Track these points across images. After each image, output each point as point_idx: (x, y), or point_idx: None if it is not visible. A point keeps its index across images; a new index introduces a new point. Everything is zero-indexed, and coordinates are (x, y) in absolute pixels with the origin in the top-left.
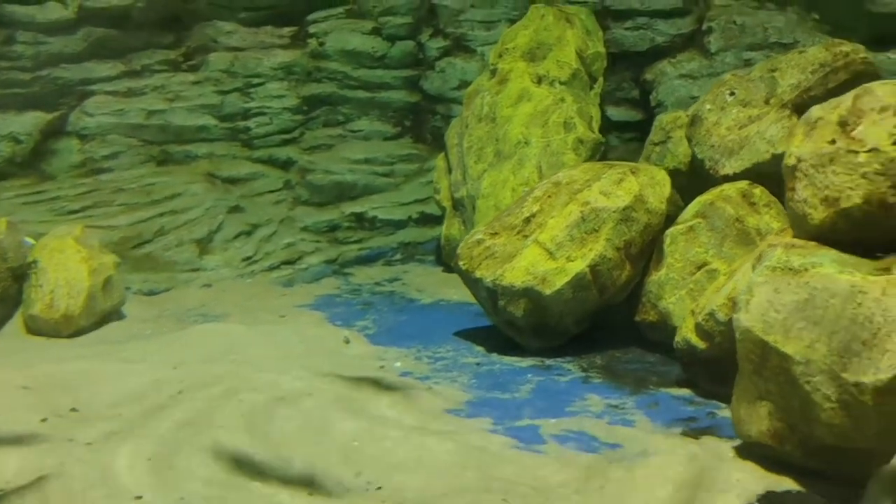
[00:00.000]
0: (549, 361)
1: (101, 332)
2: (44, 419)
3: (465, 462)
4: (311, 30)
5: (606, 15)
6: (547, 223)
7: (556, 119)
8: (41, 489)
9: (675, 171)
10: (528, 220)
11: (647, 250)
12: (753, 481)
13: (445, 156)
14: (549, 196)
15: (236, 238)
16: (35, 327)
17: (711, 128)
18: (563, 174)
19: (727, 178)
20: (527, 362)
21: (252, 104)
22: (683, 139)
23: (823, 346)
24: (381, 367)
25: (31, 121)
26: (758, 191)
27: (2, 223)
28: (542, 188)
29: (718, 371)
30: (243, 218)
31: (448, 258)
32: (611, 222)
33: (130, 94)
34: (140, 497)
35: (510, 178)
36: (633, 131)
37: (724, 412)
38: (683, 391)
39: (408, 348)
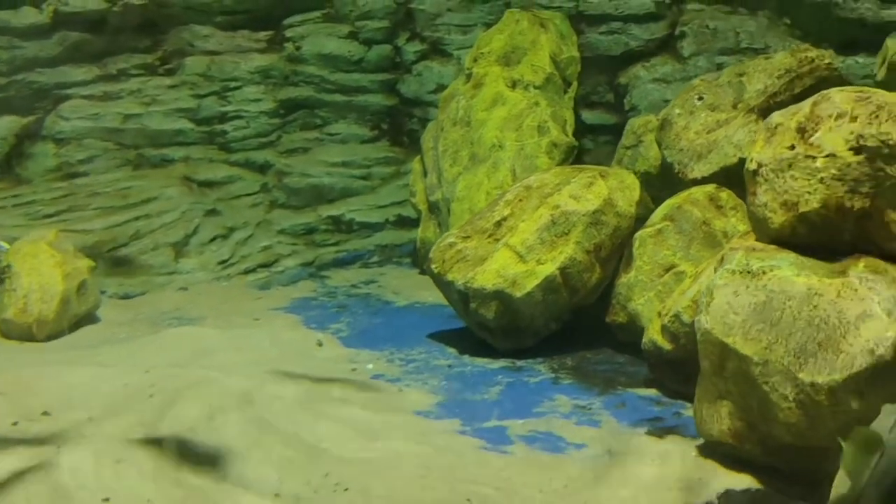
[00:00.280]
0: (521, 363)
1: (75, 336)
2: (15, 423)
3: (431, 463)
4: (288, 34)
5: (580, 19)
6: (518, 227)
7: (530, 123)
8: (9, 492)
9: (647, 175)
10: (499, 224)
11: (616, 253)
12: (715, 479)
13: (421, 159)
14: (520, 200)
15: (212, 241)
16: (8, 331)
17: (680, 132)
18: (535, 178)
19: (696, 182)
20: (498, 364)
21: (229, 108)
22: (654, 143)
23: (781, 348)
24: (353, 370)
25: (7, 125)
26: (724, 194)
27: None
28: (514, 192)
29: (684, 371)
30: (220, 221)
31: (424, 261)
32: (580, 226)
33: (106, 98)
34: (107, 499)
35: (484, 182)
36: (607, 134)
37: (690, 412)
38: (651, 391)
39: (381, 351)
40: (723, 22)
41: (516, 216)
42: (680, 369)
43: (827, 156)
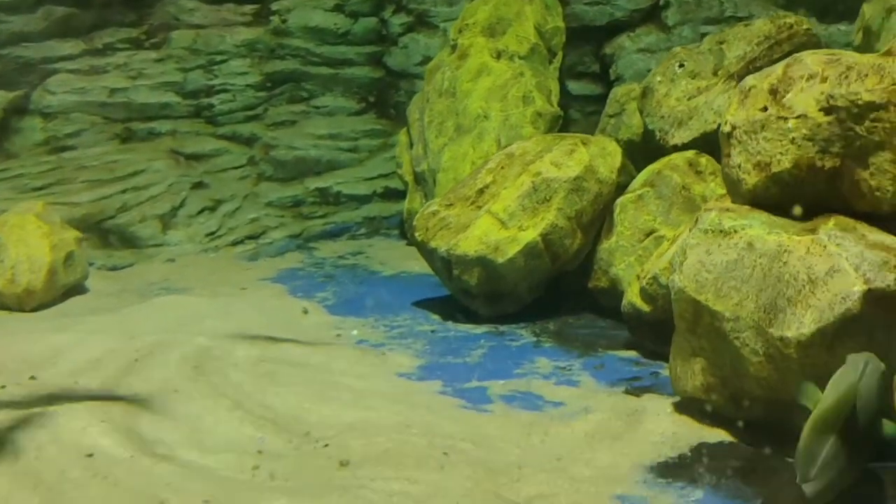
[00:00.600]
0: (503, 328)
1: (63, 306)
2: (2, 386)
3: (410, 421)
4: (274, 7)
5: None
6: (500, 194)
7: (514, 93)
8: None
9: (630, 143)
10: (481, 192)
11: (598, 219)
12: (688, 434)
13: (407, 131)
14: (502, 167)
15: (200, 214)
16: None
17: (662, 99)
18: (517, 146)
19: (676, 148)
20: (481, 329)
21: (215, 81)
22: (637, 111)
23: (751, 304)
24: (338, 336)
25: None
26: (703, 159)
27: None
28: (496, 160)
29: (662, 333)
30: (207, 194)
31: (410, 231)
32: (562, 192)
33: (93, 72)
34: (91, 455)
35: (470, 152)
36: (593, 105)
37: (667, 372)
38: (630, 353)
39: (365, 318)
40: None
41: (498, 183)
42: (658, 331)
43: (798, 116)
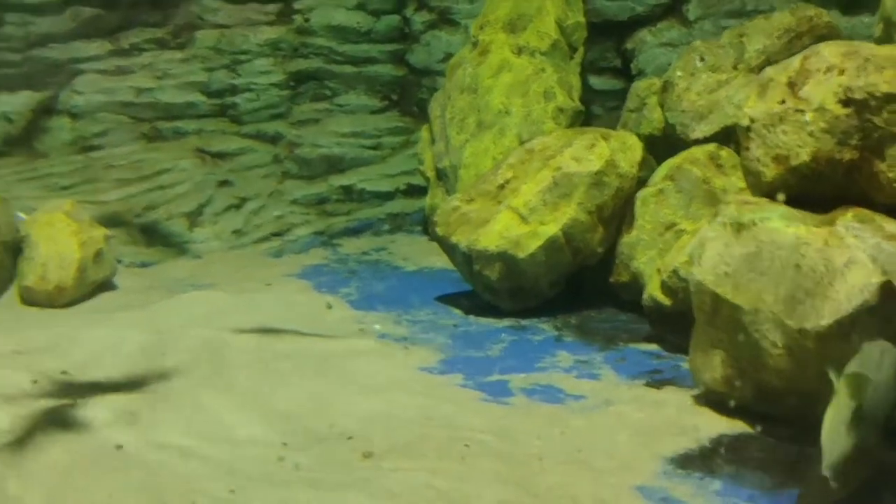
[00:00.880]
0: (525, 322)
1: (93, 303)
2: (34, 381)
3: (432, 413)
4: (297, 6)
5: None
6: (520, 189)
7: (536, 89)
8: (31, 442)
9: (651, 137)
10: (501, 187)
11: (619, 213)
12: (709, 426)
13: (429, 127)
14: (522, 162)
15: (226, 211)
16: (30, 298)
17: (682, 93)
18: (537, 141)
19: (698, 142)
20: (503, 323)
21: (239, 80)
22: (657, 106)
23: (770, 296)
24: (361, 330)
25: (23, 100)
26: (725, 153)
27: None
28: (516, 155)
29: (683, 326)
30: (232, 192)
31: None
32: (582, 186)
33: (119, 72)
34: (121, 446)
35: (491, 148)
36: (615, 100)
37: (688, 365)
38: (651, 346)
39: (388, 312)
40: None
41: (519, 178)
42: (679, 324)
43: (816, 109)
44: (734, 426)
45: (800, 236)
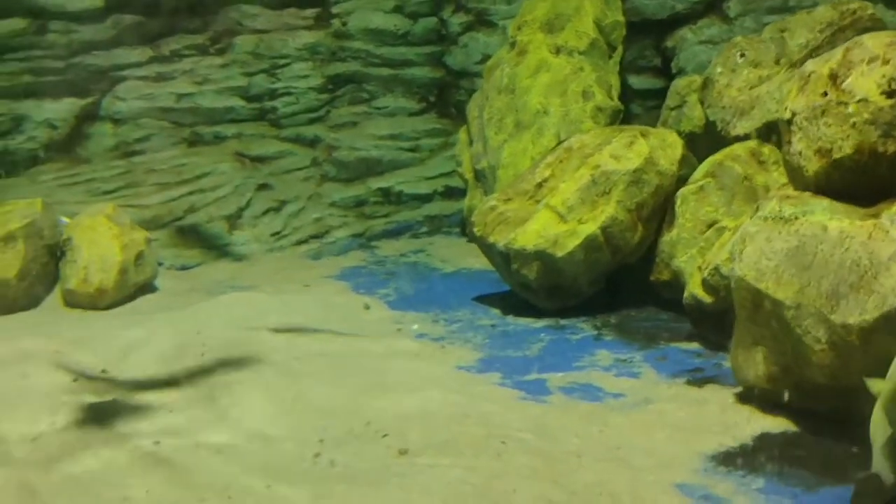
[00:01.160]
0: (564, 321)
1: (134, 304)
2: (75, 379)
3: (469, 411)
4: (334, 10)
5: None
6: (558, 187)
7: (574, 88)
8: (71, 439)
9: (691, 135)
10: (539, 186)
11: (659, 211)
12: (751, 423)
13: (467, 129)
14: (560, 161)
15: (265, 214)
16: (72, 301)
17: (723, 89)
18: (575, 139)
19: (739, 139)
20: (541, 323)
21: (278, 85)
22: (698, 103)
23: (813, 291)
24: (399, 330)
25: (66, 107)
26: (766, 149)
27: (38, 203)
28: (555, 154)
29: (725, 324)
30: (272, 195)
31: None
32: (621, 185)
33: (160, 78)
34: (158, 443)
35: (529, 148)
36: (655, 99)
37: (730, 362)
38: (692, 345)
39: (426, 313)
40: None
41: (557, 177)
42: (721, 322)
43: (859, 101)
44: (777, 424)
45: (843, 230)
